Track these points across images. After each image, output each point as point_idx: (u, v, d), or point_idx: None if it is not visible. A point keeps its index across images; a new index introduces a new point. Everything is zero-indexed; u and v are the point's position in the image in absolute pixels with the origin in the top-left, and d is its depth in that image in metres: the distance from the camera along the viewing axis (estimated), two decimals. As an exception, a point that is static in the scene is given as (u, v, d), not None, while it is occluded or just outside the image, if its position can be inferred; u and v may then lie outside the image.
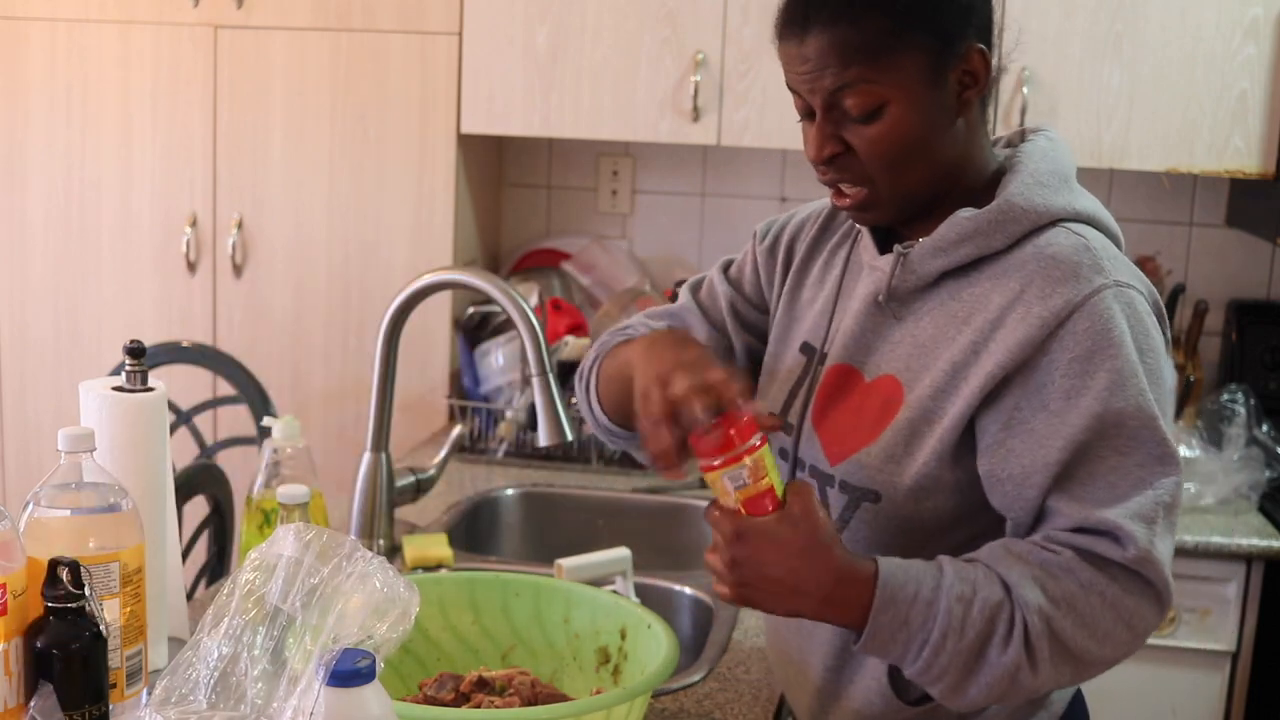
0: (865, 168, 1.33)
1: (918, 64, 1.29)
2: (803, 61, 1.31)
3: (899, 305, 1.38)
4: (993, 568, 1.23)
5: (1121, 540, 1.21)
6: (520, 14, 2.78)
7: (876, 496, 1.34)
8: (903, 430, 1.33)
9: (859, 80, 1.28)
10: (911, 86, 1.30)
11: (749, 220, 3.16)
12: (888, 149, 1.31)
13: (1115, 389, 1.23)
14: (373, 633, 1.12)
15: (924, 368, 1.34)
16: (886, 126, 1.30)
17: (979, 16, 1.33)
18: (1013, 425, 1.27)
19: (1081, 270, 1.28)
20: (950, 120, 1.33)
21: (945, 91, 1.32)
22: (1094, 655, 1.23)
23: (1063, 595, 1.21)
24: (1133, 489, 1.23)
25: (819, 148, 1.33)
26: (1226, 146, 2.59)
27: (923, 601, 1.21)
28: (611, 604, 1.52)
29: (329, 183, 2.90)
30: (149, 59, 2.92)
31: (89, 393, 1.51)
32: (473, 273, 1.99)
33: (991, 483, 1.29)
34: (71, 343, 3.05)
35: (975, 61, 1.32)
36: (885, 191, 1.34)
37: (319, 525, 1.54)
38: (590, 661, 1.52)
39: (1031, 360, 1.26)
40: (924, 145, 1.32)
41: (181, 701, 1.16)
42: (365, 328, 2.90)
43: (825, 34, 1.28)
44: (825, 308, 1.47)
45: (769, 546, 1.22)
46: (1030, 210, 1.32)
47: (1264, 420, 2.68)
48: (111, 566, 1.30)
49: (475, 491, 2.49)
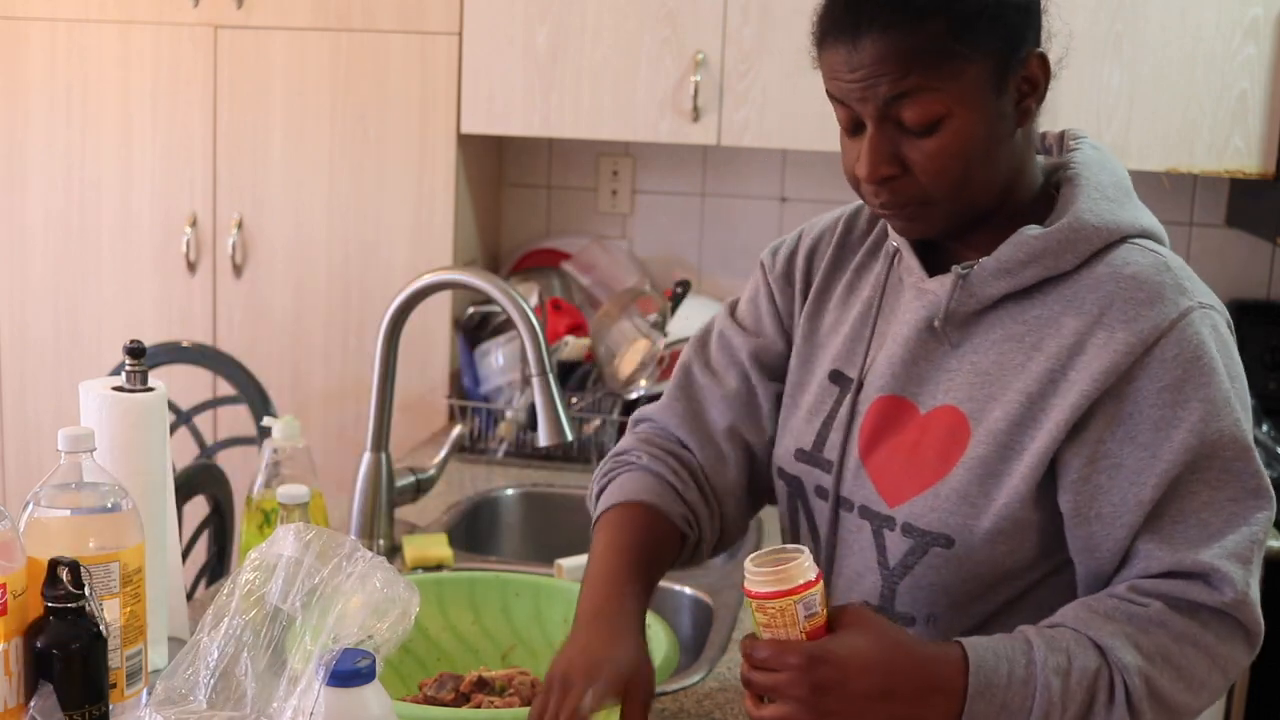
0: (923, 188, 1.22)
1: (982, 71, 1.19)
2: (853, 69, 1.20)
3: (954, 330, 1.28)
4: (1082, 632, 1.16)
5: (1216, 584, 1.16)
6: (520, 14, 2.78)
7: (949, 541, 1.25)
8: (975, 468, 1.24)
9: (918, 89, 1.18)
10: (974, 95, 1.19)
11: (749, 220, 3.17)
12: (948, 164, 1.20)
13: (1210, 419, 1.17)
14: (373, 633, 1.12)
15: (991, 398, 1.25)
16: (947, 139, 1.20)
17: (1038, 20, 1.24)
18: (1097, 460, 1.20)
19: (1165, 291, 1.20)
20: (1010, 131, 1.24)
21: (1007, 100, 1.22)
22: (1191, 706, 1.19)
23: (1158, 651, 1.15)
24: (1226, 526, 1.17)
25: (874, 167, 1.22)
26: (1226, 146, 2.59)
27: (1018, 681, 1.13)
28: None
29: (329, 183, 2.90)
30: (149, 59, 2.92)
31: (89, 393, 1.51)
32: (473, 273, 1.99)
33: (1076, 521, 1.22)
34: (71, 343, 3.05)
35: (1035, 68, 1.23)
36: (944, 210, 1.24)
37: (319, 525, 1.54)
38: None
39: (1117, 389, 1.19)
40: (986, 159, 1.22)
41: (181, 701, 1.16)
42: (365, 328, 2.90)
43: (882, 38, 1.18)
44: (858, 332, 1.37)
45: (852, 661, 1.11)
46: (1102, 228, 1.24)
47: (1264, 420, 2.68)
48: (111, 566, 1.30)
49: (475, 491, 2.49)
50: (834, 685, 1.11)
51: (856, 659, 1.12)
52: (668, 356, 2.76)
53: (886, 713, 1.12)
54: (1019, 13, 1.22)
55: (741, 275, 3.16)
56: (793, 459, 1.40)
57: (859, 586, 1.34)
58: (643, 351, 2.64)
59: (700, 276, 3.17)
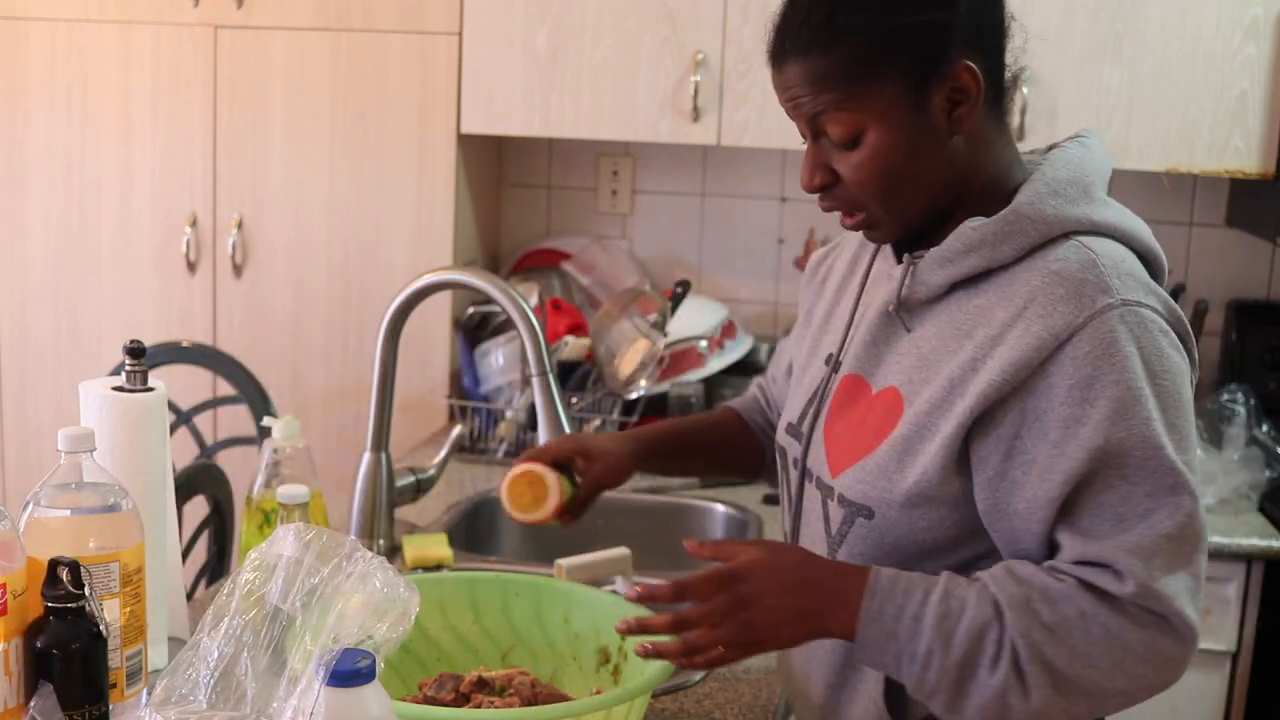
0: (854, 197, 1.32)
1: (895, 89, 1.27)
2: (784, 89, 1.32)
3: (909, 316, 1.35)
4: (989, 587, 1.21)
5: (1120, 575, 1.19)
6: (520, 14, 2.78)
7: (870, 513, 1.32)
8: (897, 445, 1.30)
9: (833, 108, 1.28)
10: (889, 112, 1.27)
11: (749, 220, 3.17)
12: (869, 175, 1.29)
13: (1116, 418, 1.19)
14: (373, 633, 1.12)
15: (925, 381, 1.31)
16: (868, 153, 1.28)
17: (965, 30, 1.27)
18: (1013, 455, 1.24)
19: (1085, 289, 1.23)
20: (940, 141, 1.29)
21: (930, 113, 1.28)
22: (1102, 686, 1.21)
23: (1058, 622, 1.19)
24: (1139, 520, 1.19)
25: (808, 176, 1.34)
26: (1226, 146, 2.59)
27: (909, 616, 1.21)
28: (612, 604, 1.52)
29: (329, 183, 2.90)
30: (149, 59, 2.92)
31: (89, 393, 1.51)
32: (473, 273, 1.99)
33: (996, 516, 1.26)
34: (71, 343, 3.05)
35: (964, 78, 1.27)
36: (880, 215, 1.33)
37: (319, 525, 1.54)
38: (590, 661, 1.52)
39: (1029, 384, 1.23)
40: (909, 170, 1.29)
41: (181, 701, 1.16)
42: (365, 328, 2.90)
43: (800, 62, 1.29)
44: (845, 317, 1.46)
45: (770, 575, 1.25)
46: (1039, 220, 1.27)
47: (1264, 420, 2.68)
48: (111, 566, 1.30)
49: (475, 491, 2.48)
50: (754, 598, 1.24)
51: (769, 572, 1.25)
52: (668, 356, 2.76)
53: (799, 628, 1.25)
54: (933, 29, 1.27)
55: (741, 275, 3.17)
56: (784, 432, 1.51)
57: None
58: (643, 351, 2.64)
59: (700, 276, 3.17)
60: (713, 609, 1.24)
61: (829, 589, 1.24)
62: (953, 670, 1.20)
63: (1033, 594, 1.20)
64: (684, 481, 2.55)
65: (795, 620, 1.24)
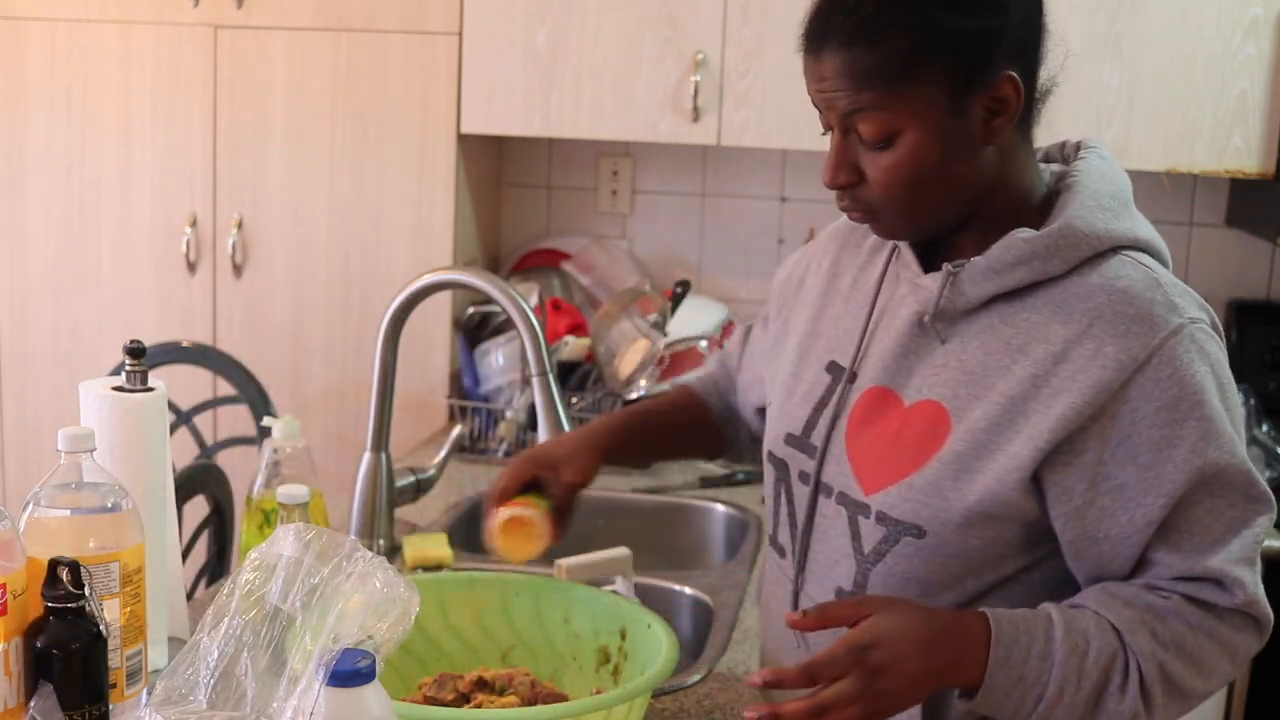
0: (876, 200, 1.28)
1: (938, 93, 1.22)
2: (818, 79, 1.26)
3: (945, 327, 1.31)
4: (1102, 615, 1.21)
5: (1228, 587, 1.21)
6: (520, 14, 2.78)
7: (921, 532, 1.28)
8: (951, 463, 1.26)
9: (872, 107, 1.23)
10: (929, 116, 1.23)
11: (749, 220, 3.17)
12: (899, 178, 1.25)
13: (1209, 439, 1.20)
14: (373, 633, 1.12)
15: (974, 396, 1.27)
16: (900, 155, 1.24)
17: (1012, 41, 1.25)
18: (1099, 483, 1.22)
19: (1156, 309, 1.22)
20: (974, 150, 1.26)
21: (968, 121, 1.24)
22: (1201, 691, 1.24)
23: (1173, 639, 1.20)
24: (1230, 532, 1.21)
25: (833, 173, 1.29)
26: (1226, 146, 2.59)
27: (1036, 656, 1.19)
28: (611, 604, 1.52)
29: (329, 183, 2.90)
30: (149, 59, 2.92)
31: (89, 393, 1.51)
32: (473, 273, 1.99)
33: (1085, 544, 1.24)
34: (71, 343, 3.05)
35: (1006, 89, 1.24)
36: (902, 220, 1.30)
37: (319, 525, 1.54)
38: (590, 661, 1.52)
39: (1109, 409, 1.21)
40: (940, 176, 1.25)
41: (182, 701, 1.16)
42: (365, 328, 2.90)
43: (840, 54, 1.23)
44: (855, 325, 1.40)
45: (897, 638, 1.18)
46: (1092, 235, 1.25)
47: (1264, 420, 2.68)
48: (111, 566, 1.30)
49: (475, 491, 2.48)
50: (890, 667, 1.16)
51: (901, 635, 1.18)
52: (668, 356, 2.76)
53: (930, 686, 1.19)
54: (981, 37, 1.23)
55: (741, 275, 3.16)
56: (782, 443, 1.44)
57: (833, 573, 1.37)
58: (643, 351, 2.64)
59: (700, 276, 3.17)
60: (850, 690, 1.15)
61: (957, 643, 1.20)
62: (1082, 705, 1.20)
63: (1145, 615, 1.21)
64: (684, 481, 2.55)
65: (929, 679, 1.19)
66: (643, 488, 2.53)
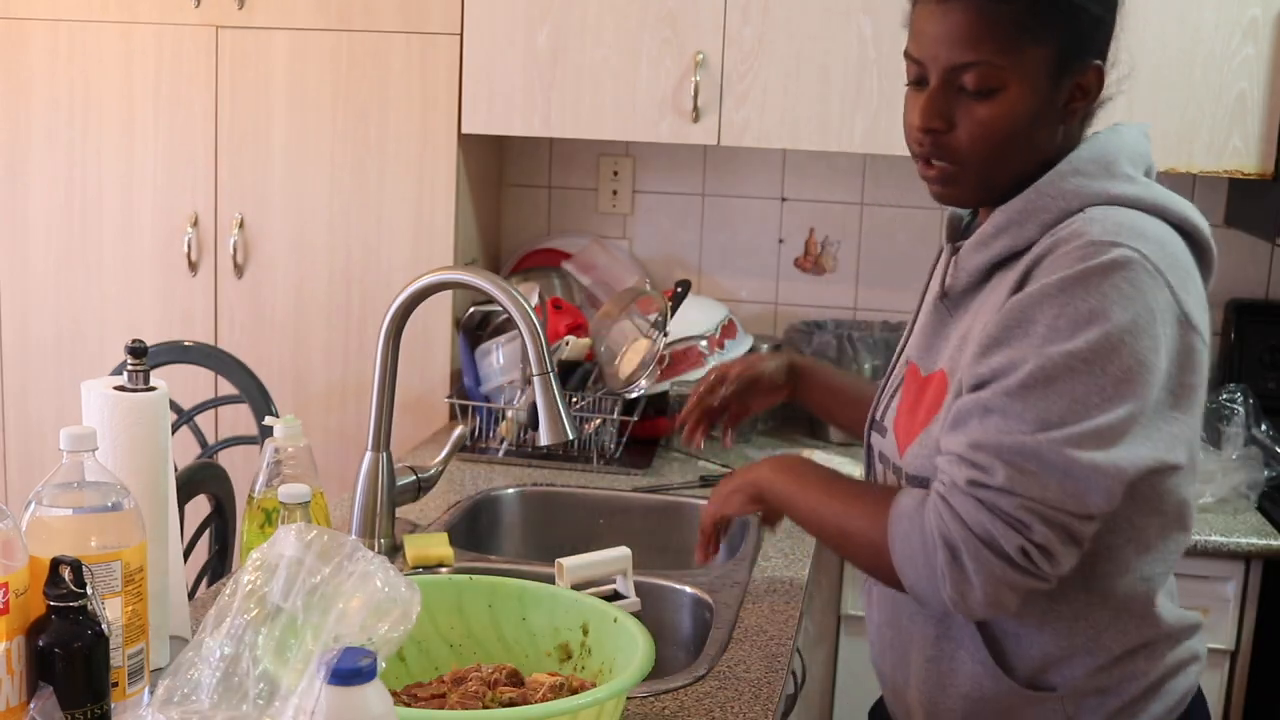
0: (962, 149, 1.35)
1: (1044, 57, 1.32)
2: (936, 29, 1.33)
3: (953, 304, 1.43)
4: None
5: None
6: (520, 14, 2.78)
7: (927, 484, 1.38)
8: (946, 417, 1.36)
9: (986, 60, 1.31)
10: (1032, 75, 1.32)
11: (749, 220, 3.17)
12: (993, 131, 1.33)
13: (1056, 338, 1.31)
14: (373, 632, 1.13)
15: (962, 357, 1.38)
16: (999, 108, 1.32)
17: (1104, 36, 1.38)
18: None
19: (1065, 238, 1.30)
20: (1055, 120, 1.36)
21: (1059, 93, 1.35)
22: None
23: None
24: None
25: (927, 117, 1.35)
26: (1225, 146, 2.60)
27: None
28: (571, 600, 1.53)
29: (330, 183, 2.91)
30: (151, 59, 2.93)
31: (91, 392, 1.51)
32: (473, 272, 2.00)
33: None
34: (73, 342, 3.05)
35: (1091, 77, 1.37)
36: (974, 174, 1.37)
37: (320, 525, 1.55)
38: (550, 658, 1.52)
39: None
40: (1027, 137, 1.34)
41: (184, 701, 1.17)
42: (366, 327, 2.91)
43: (969, 7, 1.31)
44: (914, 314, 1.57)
45: None
46: (1058, 196, 1.33)
47: (1263, 419, 2.68)
48: (113, 565, 1.31)
49: (476, 490, 2.49)
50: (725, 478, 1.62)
51: None
52: (668, 356, 2.76)
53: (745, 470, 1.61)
54: (1092, 18, 1.35)
55: (741, 275, 3.17)
56: (868, 427, 1.61)
57: None
58: (643, 351, 2.65)
59: (700, 276, 3.17)
60: None
61: None
62: None
63: None
64: (684, 480, 2.56)
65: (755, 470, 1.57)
66: (643, 487, 2.54)
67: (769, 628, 1.82)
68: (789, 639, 1.78)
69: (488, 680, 1.43)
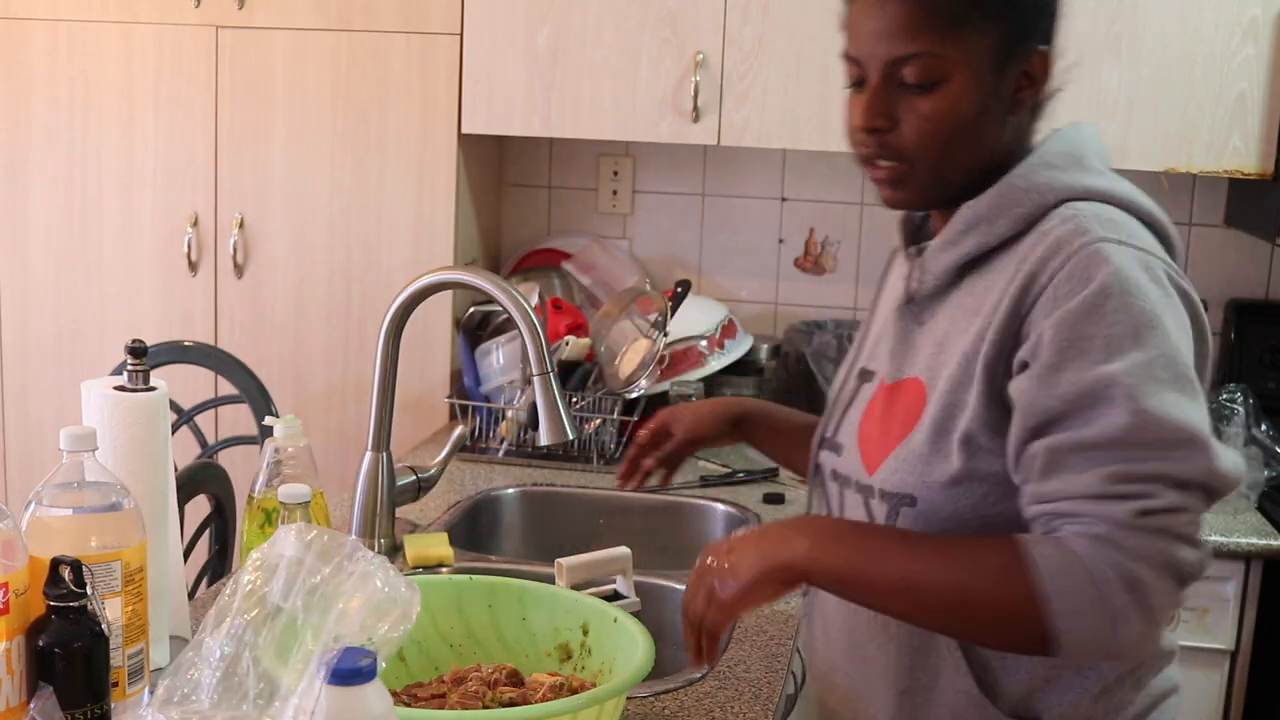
0: (908, 146, 1.31)
1: (986, 45, 1.28)
2: (874, 20, 1.29)
3: (919, 309, 1.38)
4: None
5: None
6: (520, 14, 2.78)
7: (912, 500, 1.32)
8: (929, 430, 1.31)
9: (926, 51, 1.27)
10: (975, 66, 1.28)
11: (749, 220, 3.17)
12: (938, 125, 1.29)
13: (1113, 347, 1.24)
14: (373, 632, 1.13)
15: (942, 365, 1.32)
16: (943, 101, 1.28)
17: (1048, 22, 1.33)
18: None
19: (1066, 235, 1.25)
20: (1003, 113, 1.32)
21: (1005, 82, 1.30)
22: None
23: None
24: None
25: (869, 116, 1.31)
26: (1225, 146, 2.60)
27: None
28: (571, 601, 1.53)
29: (330, 183, 2.91)
30: (151, 59, 2.93)
31: (91, 392, 1.51)
32: (473, 272, 2.00)
33: None
34: (73, 342, 3.05)
35: (1037, 64, 1.32)
36: (923, 172, 1.32)
37: (320, 525, 1.55)
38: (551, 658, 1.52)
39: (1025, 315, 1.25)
40: (974, 129, 1.30)
41: (184, 701, 1.17)
42: (366, 327, 2.91)
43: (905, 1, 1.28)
44: (866, 325, 1.51)
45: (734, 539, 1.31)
46: (1030, 189, 1.30)
47: (1263, 419, 2.68)
48: (113, 565, 1.31)
49: (476, 490, 2.49)
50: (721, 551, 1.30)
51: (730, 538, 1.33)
52: (668, 356, 2.77)
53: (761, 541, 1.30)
54: (1035, 4, 1.32)
55: (741, 275, 3.17)
56: (818, 449, 1.52)
57: None
58: (643, 351, 2.65)
59: (700, 276, 3.18)
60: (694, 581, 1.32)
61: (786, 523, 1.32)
62: None
63: None
64: (684, 480, 2.55)
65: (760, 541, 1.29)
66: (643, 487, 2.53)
67: (769, 628, 1.82)
68: (789, 639, 1.78)
69: (488, 680, 1.43)
